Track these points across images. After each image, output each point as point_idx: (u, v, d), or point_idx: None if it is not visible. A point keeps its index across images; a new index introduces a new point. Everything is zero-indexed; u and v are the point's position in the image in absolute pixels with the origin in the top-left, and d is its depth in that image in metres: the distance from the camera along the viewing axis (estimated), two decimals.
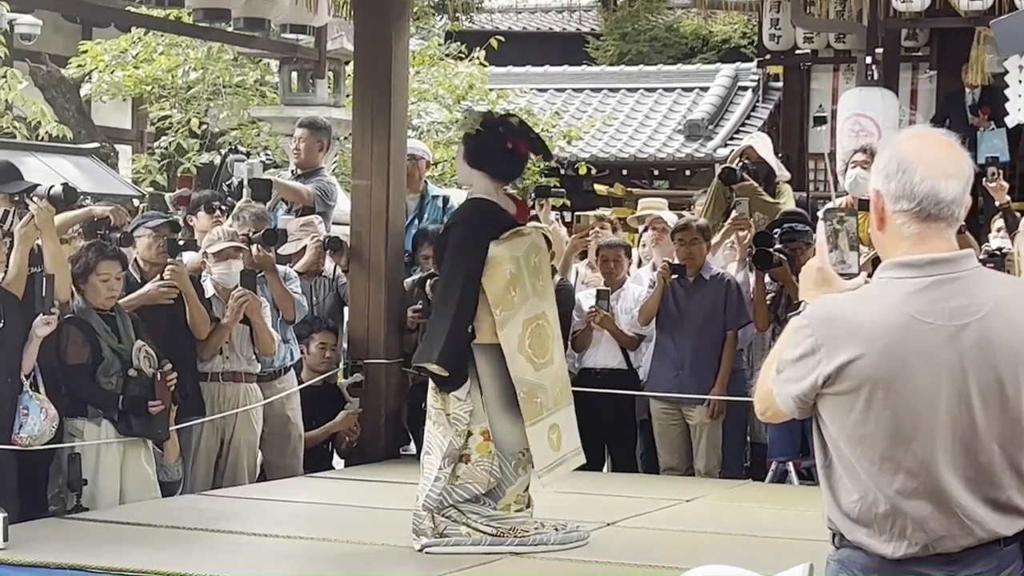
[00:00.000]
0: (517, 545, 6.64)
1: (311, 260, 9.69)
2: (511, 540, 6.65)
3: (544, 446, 6.66)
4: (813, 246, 3.56)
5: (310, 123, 10.59)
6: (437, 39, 20.60)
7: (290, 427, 9.11)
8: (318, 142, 10.43)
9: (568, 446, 6.78)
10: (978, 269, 3.42)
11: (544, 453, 6.67)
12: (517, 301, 6.61)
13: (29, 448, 7.25)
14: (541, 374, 6.65)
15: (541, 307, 6.71)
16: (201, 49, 18.08)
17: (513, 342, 6.59)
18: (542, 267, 6.79)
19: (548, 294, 6.80)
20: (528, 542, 6.65)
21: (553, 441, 6.69)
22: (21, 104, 17.99)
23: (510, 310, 6.59)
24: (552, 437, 6.69)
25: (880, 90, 13.79)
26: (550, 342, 6.71)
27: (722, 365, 9.41)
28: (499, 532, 6.67)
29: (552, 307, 6.80)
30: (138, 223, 8.80)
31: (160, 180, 18.55)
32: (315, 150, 10.40)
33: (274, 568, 6.30)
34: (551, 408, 6.69)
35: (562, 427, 6.73)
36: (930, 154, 3.40)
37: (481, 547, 6.63)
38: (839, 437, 3.38)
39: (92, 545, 6.57)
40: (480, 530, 6.66)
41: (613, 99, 22.73)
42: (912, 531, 3.34)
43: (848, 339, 3.33)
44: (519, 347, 6.60)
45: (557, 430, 6.71)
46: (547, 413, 6.66)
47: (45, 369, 7.41)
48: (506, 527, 6.69)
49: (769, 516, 7.83)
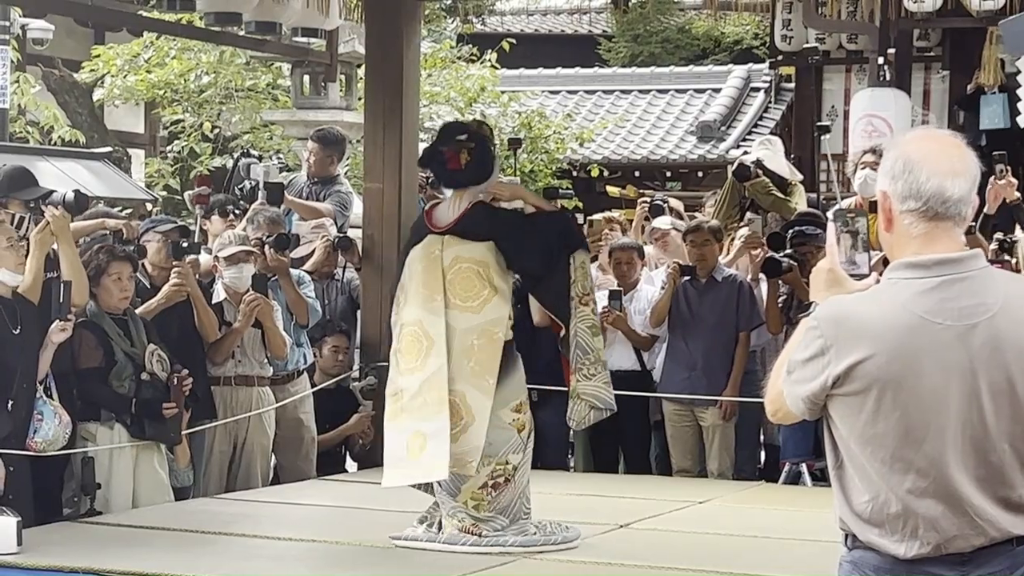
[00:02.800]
0: (471, 545, 6.72)
1: (321, 260, 9.70)
2: (466, 539, 6.76)
3: (398, 448, 6.71)
4: (824, 249, 3.56)
5: (321, 137, 10.59)
6: (449, 42, 20.61)
7: (303, 430, 9.12)
8: (328, 156, 10.48)
9: (431, 458, 6.66)
10: (987, 269, 3.42)
11: (394, 454, 6.73)
12: (400, 305, 6.89)
13: (43, 453, 7.26)
14: (406, 379, 6.74)
15: (417, 315, 6.79)
16: (213, 53, 18.11)
17: (393, 343, 6.91)
18: (428, 276, 6.82)
19: (432, 304, 6.79)
20: (483, 543, 6.73)
21: (413, 448, 6.67)
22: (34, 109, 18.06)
23: (396, 313, 6.92)
24: (413, 443, 6.67)
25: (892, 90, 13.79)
26: (422, 351, 6.73)
27: (734, 366, 9.40)
28: (461, 528, 6.79)
29: (436, 318, 6.76)
30: (147, 227, 8.81)
31: (173, 184, 18.58)
32: (326, 164, 10.48)
33: (287, 571, 6.30)
34: (415, 414, 6.68)
35: (430, 438, 6.65)
36: (936, 153, 3.40)
37: (437, 543, 6.76)
38: (849, 438, 3.38)
39: (105, 548, 6.57)
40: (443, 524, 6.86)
41: (625, 101, 22.73)
42: (924, 531, 3.33)
43: (857, 340, 3.33)
44: (393, 349, 6.90)
45: (422, 438, 6.66)
46: (408, 418, 6.69)
47: (57, 375, 7.43)
48: (467, 523, 6.77)
49: (782, 518, 7.83)
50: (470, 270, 6.84)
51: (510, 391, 6.88)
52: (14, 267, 7.19)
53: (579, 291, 6.89)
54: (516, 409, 6.89)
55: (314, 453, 9.20)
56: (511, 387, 6.89)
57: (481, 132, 7.17)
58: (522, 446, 6.90)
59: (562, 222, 7.16)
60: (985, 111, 15.14)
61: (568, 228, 7.14)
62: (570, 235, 7.06)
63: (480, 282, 6.82)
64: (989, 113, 15.05)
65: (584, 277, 6.93)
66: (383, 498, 8.17)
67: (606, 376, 6.92)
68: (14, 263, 7.19)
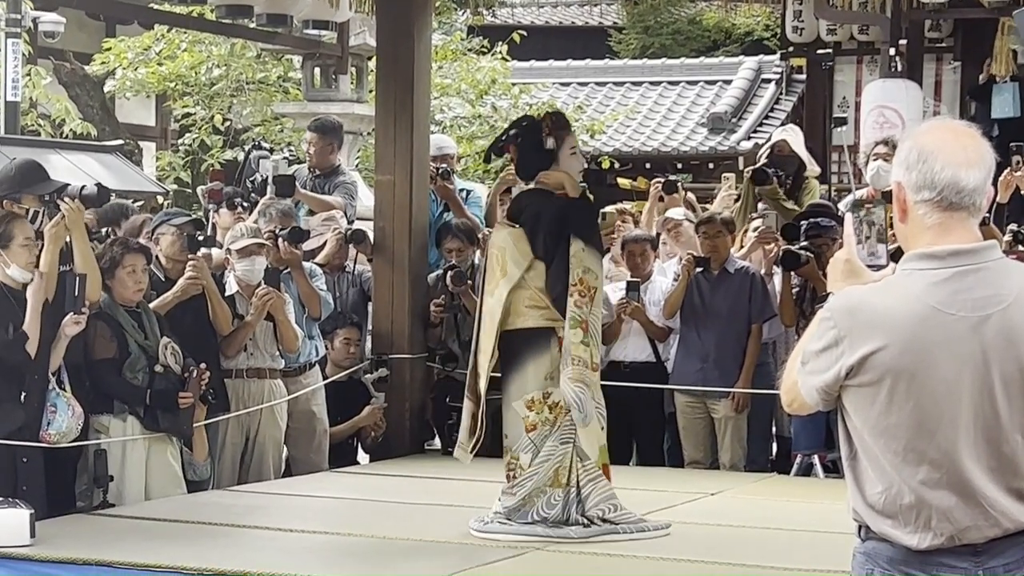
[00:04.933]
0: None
1: (332, 252, 9.70)
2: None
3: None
4: (839, 240, 3.55)
5: (319, 126, 10.55)
6: (459, 34, 20.63)
7: (315, 422, 9.13)
8: (329, 144, 10.42)
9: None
10: (1002, 260, 3.41)
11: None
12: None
13: (57, 445, 7.28)
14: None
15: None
16: (224, 46, 18.13)
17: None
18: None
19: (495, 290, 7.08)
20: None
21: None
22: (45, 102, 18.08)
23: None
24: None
25: (904, 81, 13.77)
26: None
27: (746, 358, 9.39)
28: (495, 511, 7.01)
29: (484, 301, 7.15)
30: (161, 220, 8.81)
31: (184, 177, 18.61)
32: (327, 152, 10.40)
33: (300, 563, 6.31)
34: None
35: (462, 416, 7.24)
36: (951, 144, 3.39)
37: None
38: (863, 429, 3.38)
39: (118, 541, 6.59)
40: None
41: (636, 93, 22.72)
42: (937, 522, 3.33)
43: (871, 331, 3.33)
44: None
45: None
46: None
47: (70, 368, 7.44)
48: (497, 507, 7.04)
49: (794, 509, 7.82)
50: (493, 256, 7.10)
51: (523, 384, 6.89)
52: (25, 264, 7.20)
53: (571, 280, 6.91)
54: (528, 406, 6.87)
55: (326, 445, 9.20)
56: (524, 380, 6.89)
57: (523, 126, 7.31)
58: (532, 448, 6.87)
59: (565, 208, 7.06)
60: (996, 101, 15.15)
61: (565, 214, 7.01)
62: (565, 221, 6.98)
63: (497, 266, 7.01)
64: (1000, 103, 15.07)
65: (577, 265, 6.88)
66: (395, 490, 8.19)
67: (571, 372, 6.85)
68: (26, 260, 7.20)
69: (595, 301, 6.93)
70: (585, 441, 6.84)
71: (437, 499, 7.86)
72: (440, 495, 7.97)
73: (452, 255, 9.61)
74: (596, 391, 6.91)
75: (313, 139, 10.42)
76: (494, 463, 7.07)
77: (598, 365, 6.99)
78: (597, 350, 7.00)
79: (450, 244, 9.65)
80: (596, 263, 7.00)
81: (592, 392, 6.85)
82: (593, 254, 6.99)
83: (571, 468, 6.84)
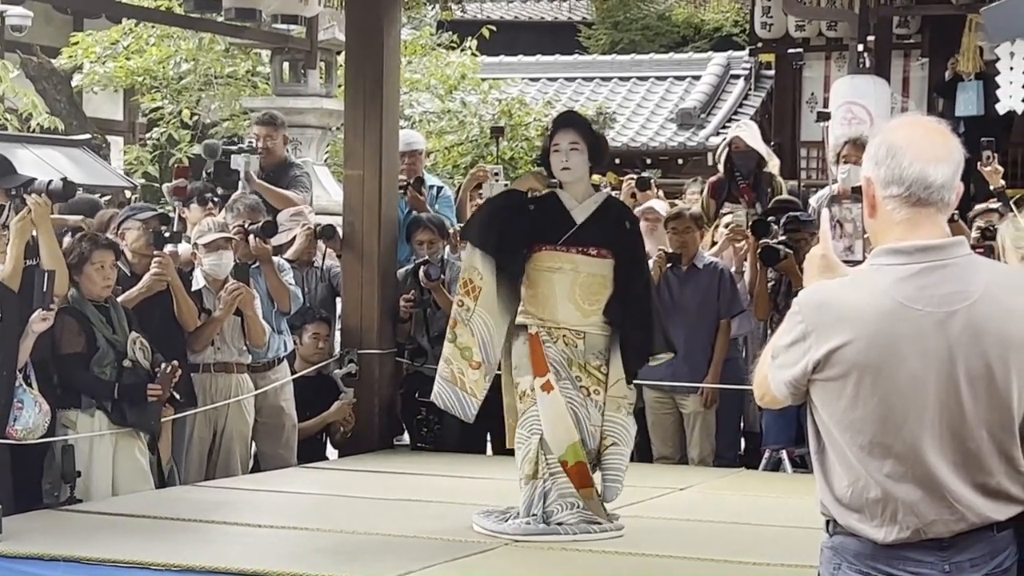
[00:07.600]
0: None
1: (302, 248, 9.67)
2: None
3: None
4: (817, 235, 3.56)
5: (270, 119, 10.36)
6: (429, 29, 20.59)
7: (284, 418, 9.11)
8: (282, 137, 10.33)
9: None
10: (970, 256, 3.42)
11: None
12: None
13: (24, 442, 7.24)
14: None
15: None
16: (192, 40, 18.06)
17: None
18: None
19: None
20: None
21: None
22: (12, 96, 17.96)
23: None
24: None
25: (872, 78, 13.80)
26: None
27: (715, 353, 9.40)
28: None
29: None
30: (127, 215, 8.78)
31: (152, 171, 18.52)
32: (281, 144, 10.29)
33: (268, 559, 6.29)
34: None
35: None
36: (919, 139, 3.40)
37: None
38: (830, 422, 3.39)
39: (86, 537, 6.56)
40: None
41: (605, 88, 22.73)
42: (903, 515, 3.34)
43: (837, 325, 3.34)
44: None
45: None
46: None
47: (37, 363, 7.40)
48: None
49: (763, 505, 7.84)
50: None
51: (508, 366, 7.05)
52: None
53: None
54: (519, 397, 6.96)
55: (295, 441, 9.18)
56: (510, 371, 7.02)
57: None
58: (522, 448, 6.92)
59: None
60: (961, 99, 15.22)
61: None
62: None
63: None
64: (964, 100, 15.14)
65: (464, 268, 7.09)
66: (364, 486, 8.18)
67: (439, 367, 7.03)
68: None
69: (480, 300, 6.96)
70: (549, 435, 6.84)
71: (406, 495, 7.85)
72: (409, 491, 7.96)
73: (423, 247, 9.59)
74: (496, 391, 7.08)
75: (266, 132, 10.24)
76: (462, 459, 7.08)
77: (479, 363, 6.96)
78: (479, 349, 6.94)
79: (421, 236, 9.64)
80: (482, 261, 7.01)
81: (471, 388, 6.95)
82: (474, 251, 7.08)
83: (537, 460, 6.84)
